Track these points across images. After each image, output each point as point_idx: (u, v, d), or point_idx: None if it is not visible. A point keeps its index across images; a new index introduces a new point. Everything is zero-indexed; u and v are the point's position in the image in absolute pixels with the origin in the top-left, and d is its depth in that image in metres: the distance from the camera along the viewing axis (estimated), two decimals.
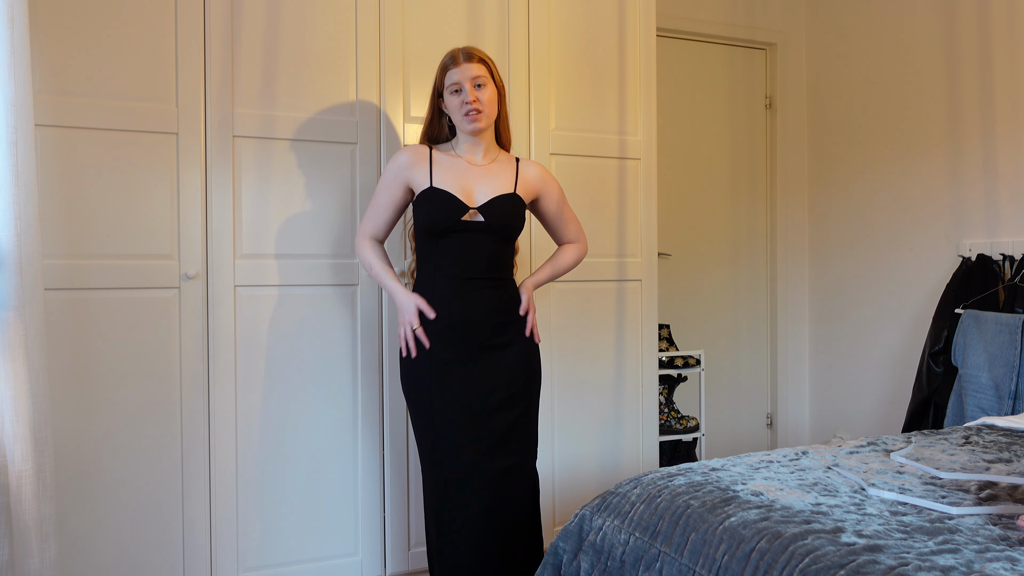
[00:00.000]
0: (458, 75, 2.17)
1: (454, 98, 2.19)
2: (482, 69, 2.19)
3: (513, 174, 2.27)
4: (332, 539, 2.53)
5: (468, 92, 2.16)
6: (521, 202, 2.24)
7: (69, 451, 2.21)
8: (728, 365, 4.02)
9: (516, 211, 2.22)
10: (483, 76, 2.18)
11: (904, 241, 3.53)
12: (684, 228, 3.91)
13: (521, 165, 2.31)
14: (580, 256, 2.45)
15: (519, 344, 2.23)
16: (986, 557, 1.27)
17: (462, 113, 2.18)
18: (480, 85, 2.18)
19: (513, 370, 2.20)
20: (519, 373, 2.21)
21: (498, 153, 2.30)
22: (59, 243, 2.21)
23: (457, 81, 2.17)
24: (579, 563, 1.72)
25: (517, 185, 2.26)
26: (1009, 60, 3.10)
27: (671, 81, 3.84)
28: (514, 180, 2.26)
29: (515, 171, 2.28)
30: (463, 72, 2.17)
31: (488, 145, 2.26)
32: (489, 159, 2.26)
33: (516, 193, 2.24)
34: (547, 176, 2.35)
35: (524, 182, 2.28)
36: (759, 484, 1.69)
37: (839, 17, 3.88)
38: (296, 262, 2.48)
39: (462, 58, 2.18)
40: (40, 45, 2.18)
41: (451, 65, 2.19)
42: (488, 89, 2.19)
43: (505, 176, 2.25)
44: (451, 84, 2.19)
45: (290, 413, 2.47)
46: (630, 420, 2.95)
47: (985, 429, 2.27)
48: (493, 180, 2.22)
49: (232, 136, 2.39)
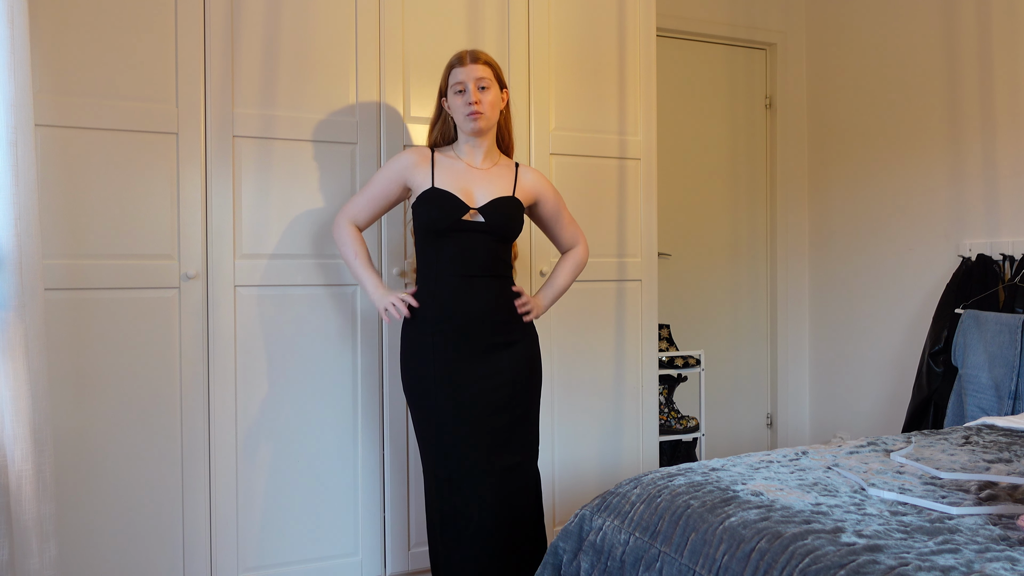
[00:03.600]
0: (463, 75, 2.19)
1: (457, 98, 2.20)
2: (487, 71, 2.21)
3: (512, 179, 2.30)
4: (332, 539, 2.53)
5: (471, 93, 2.17)
6: (520, 204, 2.26)
7: (69, 451, 2.21)
8: (728, 365, 4.02)
9: (515, 213, 2.24)
10: (487, 79, 2.20)
11: (904, 241, 3.53)
12: (684, 228, 3.91)
13: (520, 171, 2.34)
14: (580, 262, 2.46)
15: (522, 343, 2.25)
16: (986, 557, 1.27)
17: (464, 113, 2.19)
18: (484, 87, 2.19)
19: (515, 369, 2.21)
20: (521, 372, 2.23)
21: (499, 158, 2.32)
22: (59, 243, 2.21)
23: (461, 81, 2.19)
24: (579, 563, 1.72)
25: (516, 189, 2.28)
26: (1009, 60, 3.10)
27: (671, 81, 3.84)
28: (513, 184, 2.28)
29: (514, 176, 2.31)
30: (468, 72, 2.18)
31: (489, 149, 2.28)
32: (490, 163, 2.28)
33: (515, 196, 2.26)
34: (544, 181, 2.38)
35: (522, 187, 2.31)
36: (759, 484, 1.69)
37: (839, 17, 3.88)
38: (296, 262, 2.48)
39: (468, 59, 2.20)
40: (40, 45, 2.18)
41: (457, 64, 2.21)
42: (491, 92, 2.20)
43: (504, 180, 2.28)
44: (455, 83, 2.20)
45: (290, 413, 2.47)
46: (630, 420, 2.95)
47: (985, 429, 2.27)
48: (492, 183, 2.25)
49: (232, 136, 2.39)
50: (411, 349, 2.22)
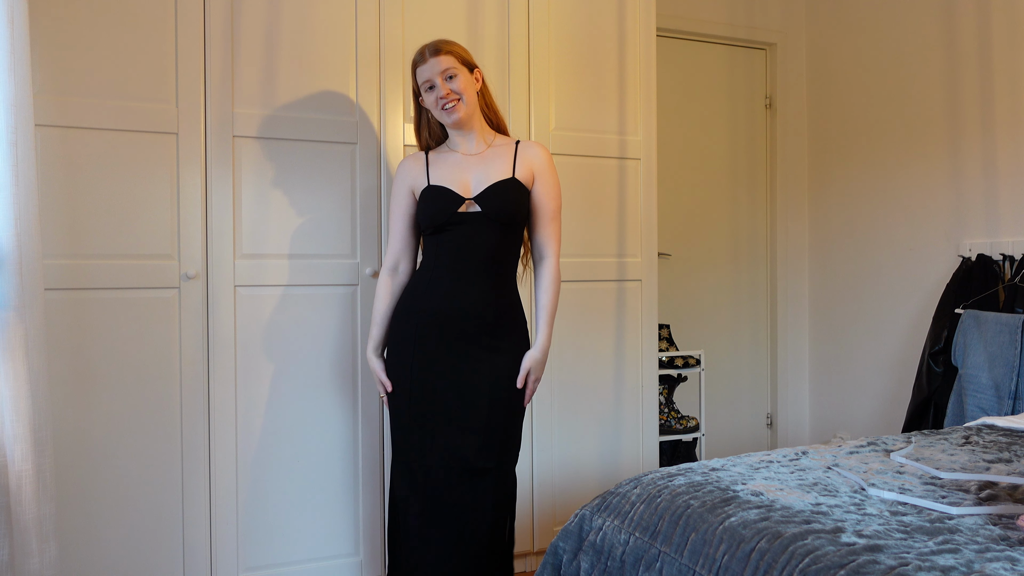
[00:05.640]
0: (427, 72, 2.13)
1: (430, 95, 2.15)
2: (451, 60, 2.13)
3: (511, 158, 2.19)
4: (332, 539, 2.53)
5: (440, 87, 2.12)
6: (519, 185, 2.16)
7: (69, 451, 2.21)
8: (728, 365, 4.02)
9: (515, 195, 2.15)
10: (452, 67, 2.13)
11: (904, 241, 3.53)
12: (684, 228, 3.91)
13: (521, 147, 2.21)
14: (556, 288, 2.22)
15: (511, 355, 2.15)
16: (986, 557, 1.27)
17: (439, 108, 2.14)
18: (452, 76, 2.13)
19: (497, 376, 2.12)
20: (502, 380, 2.13)
21: (494, 138, 2.24)
22: (59, 243, 2.21)
23: (428, 79, 2.14)
24: (579, 563, 1.72)
25: (516, 169, 2.18)
26: (1009, 60, 3.10)
27: (671, 81, 3.84)
28: (512, 164, 2.18)
29: (514, 154, 2.20)
30: (431, 68, 2.13)
31: (480, 133, 2.22)
32: (484, 146, 2.21)
33: (515, 178, 2.16)
34: (545, 156, 2.22)
35: (524, 163, 2.19)
36: (759, 484, 1.69)
37: (839, 17, 3.88)
38: (296, 262, 2.48)
39: (428, 54, 2.14)
40: (40, 45, 2.18)
41: (420, 63, 2.15)
42: (461, 78, 2.13)
43: (502, 161, 2.18)
44: (423, 82, 2.15)
45: (290, 413, 2.47)
46: (630, 420, 2.95)
47: (985, 429, 2.27)
48: (489, 167, 2.17)
49: (232, 136, 2.39)
50: (395, 338, 2.18)
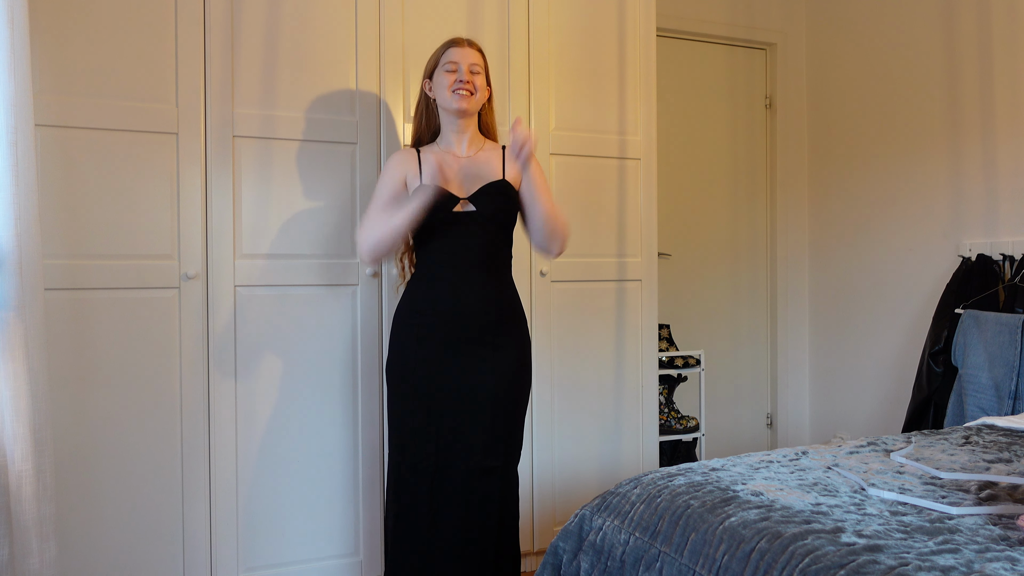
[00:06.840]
0: (458, 55, 2.19)
1: (447, 76, 2.18)
2: (481, 60, 2.23)
3: (500, 161, 2.26)
4: (332, 539, 2.53)
5: (464, 72, 2.17)
6: (511, 187, 2.21)
7: (69, 451, 2.21)
8: (728, 365, 4.02)
9: (508, 197, 2.20)
10: (479, 66, 2.22)
11: (904, 241, 3.53)
12: (684, 228, 3.91)
13: (508, 150, 2.24)
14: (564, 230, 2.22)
15: (513, 350, 2.18)
16: (986, 557, 1.27)
17: (452, 89, 2.16)
18: (476, 72, 2.20)
19: (501, 373, 2.14)
20: (506, 377, 2.15)
21: (483, 142, 2.29)
22: (59, 243, 2.21)
23: (455, 61, 2.18)
24: (579, 563, 1.72)
25: (505, 171, 2.24)
26: (1009, 60, 3.10)
27: (671, 81, 3.84)
28: (502, 166, 2.25)
29: (502, 157, 2.26)
30: (463, 54, 2.19)
31: (472, 135, 2.26)
32: (475, 149, 2.26)
33: (505, 179, 2.22)
34: None
35: (512, 166, 2.24)
36: (759, 484, 1.69)
37: (839, 17, 3.88)
38: (296, 262, 2.47)
39: (466, 43, 2.22)
40: (40, 45, 2.18)
41: (455, 45, 2.21)
42: (481, 77, 2.22)
43: (492, 164, 2.24)
44: (448, 62, 2.19)
45: (290, 413, 2.47)
46: (630, 420, 2.95)
47: (985, 429, 2.27)
48: (480, 169, 2.22)
49: (232, 136, 2.39)
50: (398, 339, 2.19)
